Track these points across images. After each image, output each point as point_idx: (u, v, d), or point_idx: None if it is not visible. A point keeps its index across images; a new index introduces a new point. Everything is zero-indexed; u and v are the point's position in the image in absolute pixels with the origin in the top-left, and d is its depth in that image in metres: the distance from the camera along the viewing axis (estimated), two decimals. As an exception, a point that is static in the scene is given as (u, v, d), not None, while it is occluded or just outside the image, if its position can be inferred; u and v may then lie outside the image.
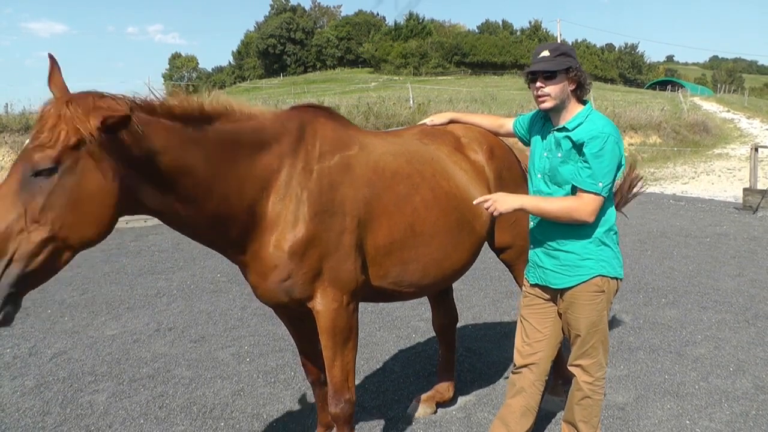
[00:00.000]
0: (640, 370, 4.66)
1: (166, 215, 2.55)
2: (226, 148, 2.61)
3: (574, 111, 2.89)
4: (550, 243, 2.99)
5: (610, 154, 2.74)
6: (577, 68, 2.82)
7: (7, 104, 18.49)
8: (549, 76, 2.81)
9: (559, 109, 2.90)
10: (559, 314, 3.10)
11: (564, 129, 2.88)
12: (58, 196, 2.10)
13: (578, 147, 2.81)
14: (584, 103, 2.94)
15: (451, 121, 3.67)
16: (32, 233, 2.06)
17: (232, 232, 2.71)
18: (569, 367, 3.16)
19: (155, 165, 2.36)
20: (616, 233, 3.01)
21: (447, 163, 3.35)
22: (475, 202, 2.96)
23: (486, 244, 3.69)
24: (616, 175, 2.83)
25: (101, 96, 2.22)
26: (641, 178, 4.10)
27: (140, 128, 2.25)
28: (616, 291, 3.08)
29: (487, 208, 2.87)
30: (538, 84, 2.84)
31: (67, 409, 4.26)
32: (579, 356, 3.08)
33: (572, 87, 2.85)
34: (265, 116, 2.87)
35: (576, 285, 2.95)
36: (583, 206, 2.79)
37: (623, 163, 2.87)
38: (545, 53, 2.85)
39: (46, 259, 2.11)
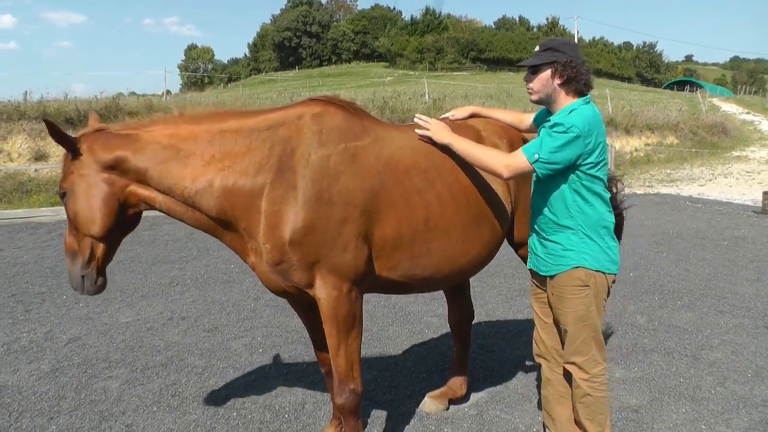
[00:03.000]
0: (654, 373, 4.61)
1: (157, 203, 2.96)
2: (199, 143, 2.93)
3: (563, 104, 2.91)
4: (541, 231, 3.09)
5: (565, 143, 2.75)
6: (565, 63, 2.83)
7: (25, 92, 18.73)
8: (533, 71, 2.92)
9: (547, 102, 2.99)
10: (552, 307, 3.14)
11: (548, 122, 2.90)
12: (71, 209, 2.90)
13: None
14: (583, 95, 2.92)
15: (473, 115, 3.64)
16: (77, 236, 2.93)
17: (211, 212, 2.93)
18: (565, 366, 3.14)
19: (128, 167, 2.88)
20: (607, 228, 2.97)
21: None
22: (415, 117, 3.27)
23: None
24: (575, 166, 2.82)
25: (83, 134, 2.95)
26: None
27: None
28: (609, 289, 3.03)
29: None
30: (526, 78, 2.98)
31: (82, 395, 4.29)
32: (571, 353, 3.08)
33: (559, 81, 2.87)
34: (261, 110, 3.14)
35: (557, 274, 3.01)
36: (505, 158, 2.93)
37: (600, 159, 2.84)
38: (537, 48, 2.96)
39: (90, 250, 2.93)
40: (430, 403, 4.04)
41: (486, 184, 3.32)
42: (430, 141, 3.21)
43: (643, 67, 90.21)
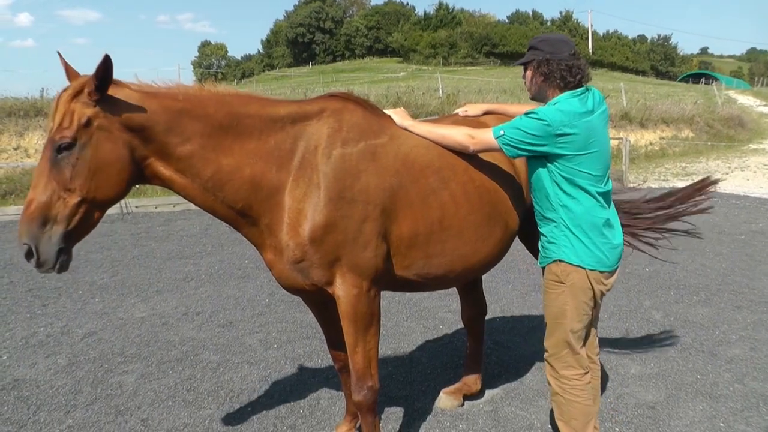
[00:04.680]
0: (671, 369, 4.57)
1: (176, 185, 2.73)
2: (226, 126, 2.73)
3: (552, 99, 2.95)
4: (537, 224, 3.14)
5: (532, 127, 2.79)
6: (540, 61, 2.91)
7: (42, 89, 18.82)
8: (525, 68, 3.05)
9: (540, 98, 3.03)
10: None
11: None
12: (81, 167, 2.45)
13: None
14: (570, 88, 2.90)
15: (486, 113, 3.61)
16: (67, 199, 2.46)
17: (236, 205, 2.80)
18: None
19: (152, 136, 2.59)
20: (598, 229, 2.90)
21: (481, 154, 3.29)
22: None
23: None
24: (550, 156, 2.84)
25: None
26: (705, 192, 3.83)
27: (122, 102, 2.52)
28: (594, 290, 2.94)
29: None
30: (522, 76, 3.12)
31: (98, 389, 4.33)
32: (546, 347, 3.10)
33: (540, 79, 2.95)
34: (284, 101, 3.01)
35: (544, 267, 3.07)
36: (471, 131, 3.05)
37: (580, 152, 2.79)
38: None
39: (81, 218, 2.51)
40: (445, 399, 4.03)
41: (499, 183, 3.30)
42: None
43: (658, 60, 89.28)
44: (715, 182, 3.79)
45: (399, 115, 3.21)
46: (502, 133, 2.89)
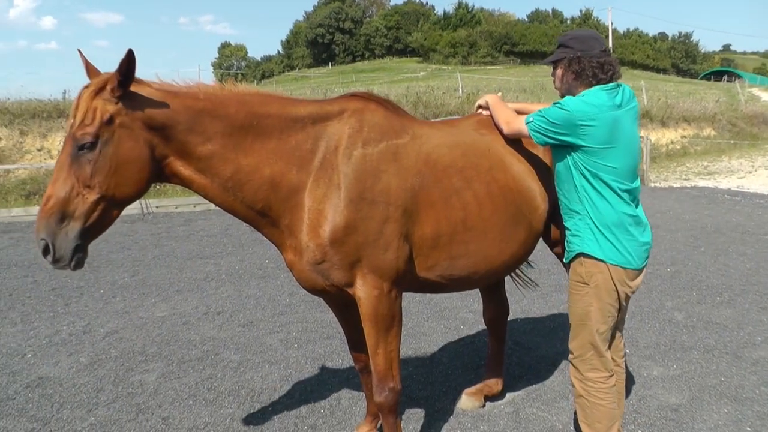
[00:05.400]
0: (694, 371, 4.50)
1: (195, 185, 2.72)
2: (246, 125, 2.72)
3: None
4: (562, 218, 3.12)
5: (557, 117, 2.82)
6: (571, 59, 2.90)
7: (65, 91, 19.06)
8: (554, 66, 3.05)
9: (570, 95, 2.97)
10: None
11: None
12: (102, 164, 2.45)
13: None
14: (607, 83, 2.89)
15: None
16: (86, 196, 2.46)
17: (255, 205, 2.79)
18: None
19: (173, 135, 2.59)
20: (623, 227, 2.86)
21: (504, 154, 3.26)
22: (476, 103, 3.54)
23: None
24: (574, 147, 2.84)
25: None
26: None
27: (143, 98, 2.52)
28: (617, 289, 2.89)
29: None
30: (552, 74, 3.14)
31: (119, 387, 4.37)
32: (571, 348, 3.07)
33: (571, 77, 2.95)
34: (305, 101, 3.00)
35: (569, 263, 3.05)
36: (509, 118, 3.19)
37: (605, 146, 2.77)
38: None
39: (99, 215, 2.51)
40: (466, 400, 4.01)
41: (523, 183, 3.26)
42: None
43: (679, 58, 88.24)
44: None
45: (490, 97, 3.42)
46: (531, 119, 2.95)
